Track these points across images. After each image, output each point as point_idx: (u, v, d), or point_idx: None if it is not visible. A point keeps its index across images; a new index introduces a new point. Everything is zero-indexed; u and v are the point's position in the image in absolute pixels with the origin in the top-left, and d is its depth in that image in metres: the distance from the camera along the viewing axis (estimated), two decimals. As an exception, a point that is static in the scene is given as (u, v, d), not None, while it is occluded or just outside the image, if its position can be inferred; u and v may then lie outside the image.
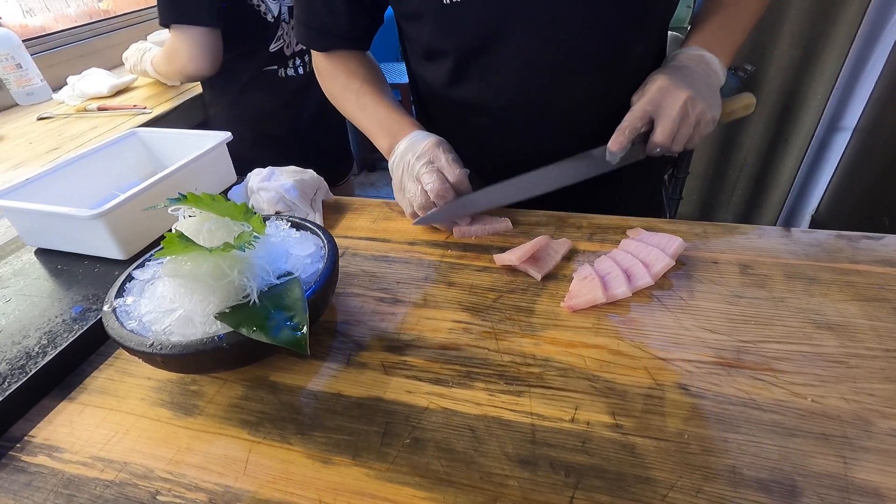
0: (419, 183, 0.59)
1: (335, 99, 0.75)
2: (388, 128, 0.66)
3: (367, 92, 0.70)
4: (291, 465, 0.37)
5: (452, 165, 0.59)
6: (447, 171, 0.59)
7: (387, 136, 0.66)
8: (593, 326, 0.47)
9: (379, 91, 0.71)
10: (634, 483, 0.34)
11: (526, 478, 0.35)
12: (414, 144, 0.62)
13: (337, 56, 0.73)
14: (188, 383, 0.45)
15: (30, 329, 0.50)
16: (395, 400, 0.42)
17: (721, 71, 0.62)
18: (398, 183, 0.63)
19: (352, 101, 0.71)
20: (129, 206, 0.58)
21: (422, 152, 0.60)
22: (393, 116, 0.67)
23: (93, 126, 1.14)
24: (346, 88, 0.72)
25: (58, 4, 1.56)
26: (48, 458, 0.40)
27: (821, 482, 0.33)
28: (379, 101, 0.69)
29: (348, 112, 0.73)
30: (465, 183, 0.60)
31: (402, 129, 0.65)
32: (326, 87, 0.76)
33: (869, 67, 1.45)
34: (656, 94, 0.58)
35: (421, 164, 0.60)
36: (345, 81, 0.72)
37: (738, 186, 1.85)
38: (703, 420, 0.38)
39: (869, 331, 0.44)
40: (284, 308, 0.41)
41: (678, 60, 0.62)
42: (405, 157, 0.62)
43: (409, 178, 0.61)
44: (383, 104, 0.69)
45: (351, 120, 0.73)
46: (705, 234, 0.58)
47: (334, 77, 0.73)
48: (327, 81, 0.75)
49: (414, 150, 0.61)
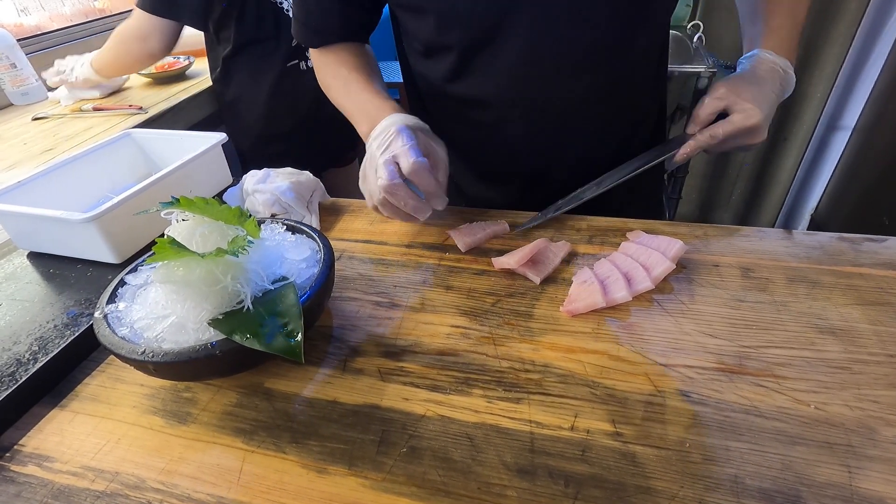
0: (375, 174, 0.55)
1: (327, 89, 0.73)
2: (367, 112, 0.63)
3: (355, 79, 0.67)
4: (286, 474, 0.37)
5: (408, 154, 0.53)
6: (402, 161, 0.53)
7: (366, 120, 0.62)
8: (593, 331, 0.46)
9: (367, 77, 0.68)
10: (635, 493, 0.34)
11: (525, 488, 0.35)
12: (380, 133, 0.58)
13: (331, 49, 0.71)
14: (181, 390, 0.44)
15: (21, 335, 0.49)
16: (391, 407, 0.41)
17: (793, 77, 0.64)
18: (362, 171, 0.59)
19: (339, 87, 0.69)
20: (122, 209, 0.57)
21: (382, 138, 0.56)
22: (374, 100, 0.63)
23: (88, 126, 1.13)
24: (335, 77, 0.70)
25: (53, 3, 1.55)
26: (38, 468, 0.39)
27: (825, 492, 0.33)
28: (365, 86, 0.66)
29: (336, 100, 0.70)
30: (423, 176, 0.54)
31: (381, 113, 0.60)
32: (320, 78, 0.74)
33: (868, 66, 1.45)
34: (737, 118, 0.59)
35: (381, 152, 0.55)
36: (335, 70, 0.70)
37: (738, 186, 1.85)
38: (705, 428, 0.37)
39: (872, 335, 0.44)
40: (279, 314, 0.40)
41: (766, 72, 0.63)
42: (371, 144, 0.58)
43: (369, 167, 0.57)
44: (368, 89, 0.65)
45: (340, 109, 0.70)
46: (706, 236, 0.57)
47: (326, 66, 0.72)
48: (320, 73, 0.73)
49: (376, 136, 0.57)
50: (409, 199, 0.54)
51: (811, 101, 1.58)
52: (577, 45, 0.60)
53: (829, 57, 1.49)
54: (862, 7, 1.39)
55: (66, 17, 1.57)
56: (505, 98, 0.65)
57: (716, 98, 0.60)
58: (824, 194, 1.64)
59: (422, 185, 0.54)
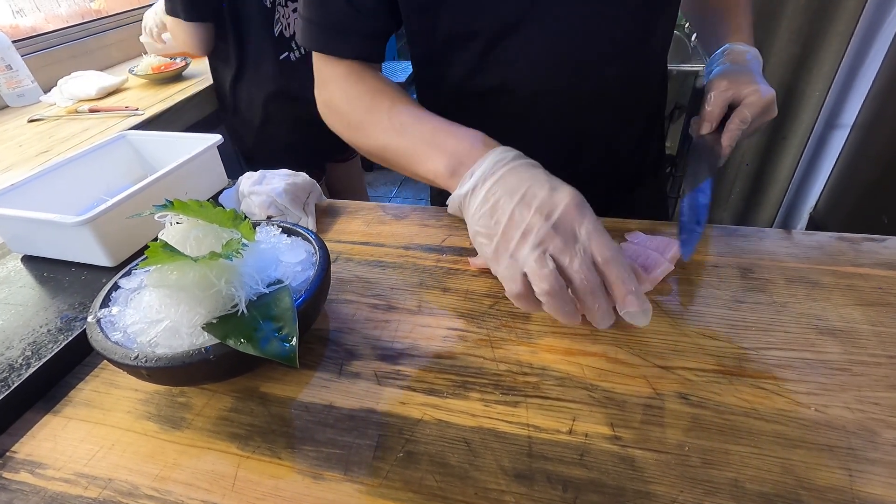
0: (547, 261, 0.39)
1: (355, 128, 0.58)
2: (445, 145, 0.49)
3: (405, 111, 0.54)
4: (281, 480, 0.36)
5: (601, 239, 0.39)
6: (597, 251, 0.39)
7: (445, 155, 0.48)
8: (591, 333, 0.46)
9: (416, 106, 0.56)
10: (634, 498, 0.33)
11: (522, 493, 0.34)
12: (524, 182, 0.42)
13: (355, 71, 0.60)
14: (176, 395, 0.44)
15: (13, 340, 0.49)
16: (388, 411, 0.40)
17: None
18: (499, 245, 0.41)
19: (382, 123, 0.55)
20: (116, 212, 0.57)
21: (554, 209, 0.40)
22: (451, 129, 0.50)
23: (84, 128, 1.13)
24: (371, 111, 0.57)
25: (48, 4, 1.54)
26: (30, 475, 0.38)
27: (826, 496, 0.32)
28: (423, 116, 0.54)
29: (378, 140, 0.56)
30: (617, 262, 0.39)
31: (474, 147, 0.47)
32: (344, 117, 0.59)
33: (867, 64, 1.44)
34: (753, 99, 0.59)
35: (549, 230, 0.39)
36: (370, 103, 0.57)
37: (737, 184, 1.84)
38: (704, 431, 0.37)
39: (872, 336, 0.43)
40: (273, 318, 0.39)
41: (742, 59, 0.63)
42: (506, 204, 0.41)
43: (527, 246, 0.40)
44: (430, 119, 0.53)
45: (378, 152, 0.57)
46: (705, 236, 0.57)
47: (357, 99, 0.58)
48: (344, 108, 0.59)
49: (532, 199, 0.41)
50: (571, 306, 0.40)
51: (809, 99, 1.58)
52: (605, 33, 0.59)
53: (827, 55, 1.49)
54: (860, 5, 1.39)
55: (62, 19, 1.56)
56: (531, 88, 0.62)
57: (721, 91, 0.60)
58: (823, 192, 1.64)
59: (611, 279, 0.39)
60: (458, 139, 0.48)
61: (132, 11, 1.72)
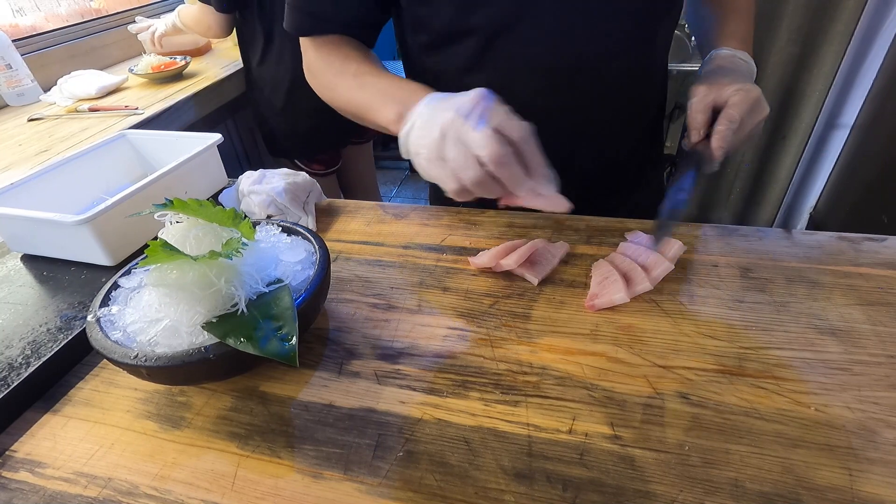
0: (466, 146, 0.44)
1: (329, 88, 0.64)
2: (394, 95, 0.55)
3: (367, 71, 0.60)
4: (281, 480, 0.36)
5: (512, 118, 0.44)
6: (508, 127, 0.44)
7: (395, 103, 0.53)
8: (591, 333, 0.46)
9: (381, 69, 0.61)
10: (634, 497, 0.33)
11: (522, 492, 0.34)
12: (445, 100, 0.47)
13: (331, 41, 0.63)
14: (175, 394, 0.44)
15: (13, 339, 0.49)
16: (387, 411, 0.40)
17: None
18: (433, 150, 0.46)
19: (348, 84, 0.61)
20: (115, 211, 0.56)
21: (465, 105, 0.45)
22: (402, 84, 0.56)
23: (84, 127, 1.13)
24: (341, 73, 0.62)
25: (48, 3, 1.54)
26: (30, 474, 0.38)
27: (826, 496, 0.32)
28: (382, 74, 0.59)
29: (343, 96, 0.62)
30: (532, 141, 0.45)
31: (416, 93, 0.52)
32: (320, 80, 0.65)
33: (867, 64, 1.44)
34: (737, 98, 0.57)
35: (468, 118, 0.44)
36: (340, 66, 0.62)
37: (737, 184, 1.84)
38: (705, 430, 0.37)
39: (872, 336, 0.43)
40: (273, 317, 0.39)
41: (730, 63, 0.62)
42: (437, 116, 0.46)
43: (451, 142, 0.45)
44: (387, 76, 0.58)
45: (345, 106, 0.63)
46: (705, 236, 0.57)
47: (329, 64, 0.63)
48: (321, 73, 0.64)
49: (450, 106, 0.46)
50: (521, 175, 0.44)
51: (810, 99, 1.58)
52: (604, 34, 0.59)
53: (827, 55, 1.49)
54: (860, 5, 1.39)
55: (62, 18, 1.56)
56: (529, 87, 0.62)
57: (701, 98, 0.59)
58: (823, 192, 1.64)
59: (530, 154, 0.45)
60: (406, 91, 0.54)
61: (132, 11, 1.72)
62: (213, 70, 1.47)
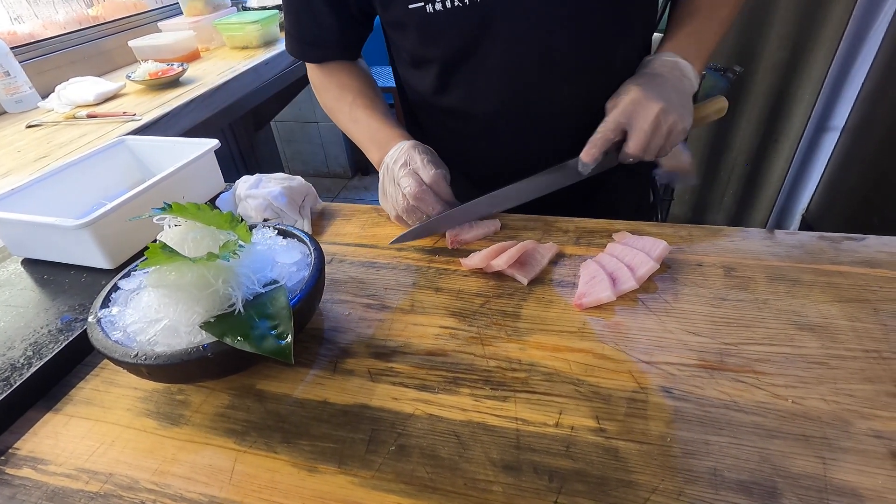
0: (398, 187, 0.60)
1: (329, 111, 0.75)
2: (378, 140, 0.67)
3: (360, 105, 0.71)
4: (277, 473, 0.37)
5: (427, 167, 0.60)
6: (422, 173, 0.59)
7: (377, 148, 0.66)
8: (578, 331, 0.47)
9: (371, 103, 0.71)
10: (617, 487, 0.35)
11: (510, 483, 0.35)
12: (392, 152, 0.63)
13: (329, 68, 0.74)
14: (174, 393, 0.45)
15: (15, 340, 0.50)
16: (381, 407, 0.42)
17: (694, 78, 0.62)
18: (382, 188, 0.64)
19: (344, 113, 0.72)
20: (115, 215, 0.58)
21: (398, 155, 0.62)
22: (384, 129, 0.68)
23: (82, 134, 1.14)
24: (338, 100, 0.73)
25: (46, 11, 1.55)
26: (33, 471, 0.39)
27: (800, 483, 0.34)
28: (371, 113, 0.70)
29: (342, 123, 0.74)
30: (441, 184, 0.60)
31: (391, 141, 0.65)
32: (321, 99, 0.77)
33: (856, 68, 1.47)
34: (629, 105, 0.58)
35: (398, 167, 0.61)
36: (337, 94, 0.73)
37: (730, 187, 1.86)
38: (686, 423, 0.38)
39: (849, 332, 0.45)
40: (269, 317, 0.41)
41: (652, 67, 0.63)
42: (387, 163, 0.63)
43: (389, 183, 0.62)
44: (375, 117, 0.69)
45: (344, 131, 0.74)
46: (690, 236, 0.58)
47: (327, 90, 0.74)
48: (321, 94, 0.76)
49: (393, 156, 0.62)
50: (436, 203, 0.59)
51: (800, 102, 1.60)
52: (558, 58, 0.61)
53: (816, 59, 1.51)
54: (848, 9, 1.41)
55: (60, 25, 1.58)
56: (488, 109, 0.67)
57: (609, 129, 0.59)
58: (815, 194, 1.66)
59: (441, 192, 0.60)
60: (386, 135, 0.66)
61: (129, 18, 1.74)
62: (209, 76, 1.48)
